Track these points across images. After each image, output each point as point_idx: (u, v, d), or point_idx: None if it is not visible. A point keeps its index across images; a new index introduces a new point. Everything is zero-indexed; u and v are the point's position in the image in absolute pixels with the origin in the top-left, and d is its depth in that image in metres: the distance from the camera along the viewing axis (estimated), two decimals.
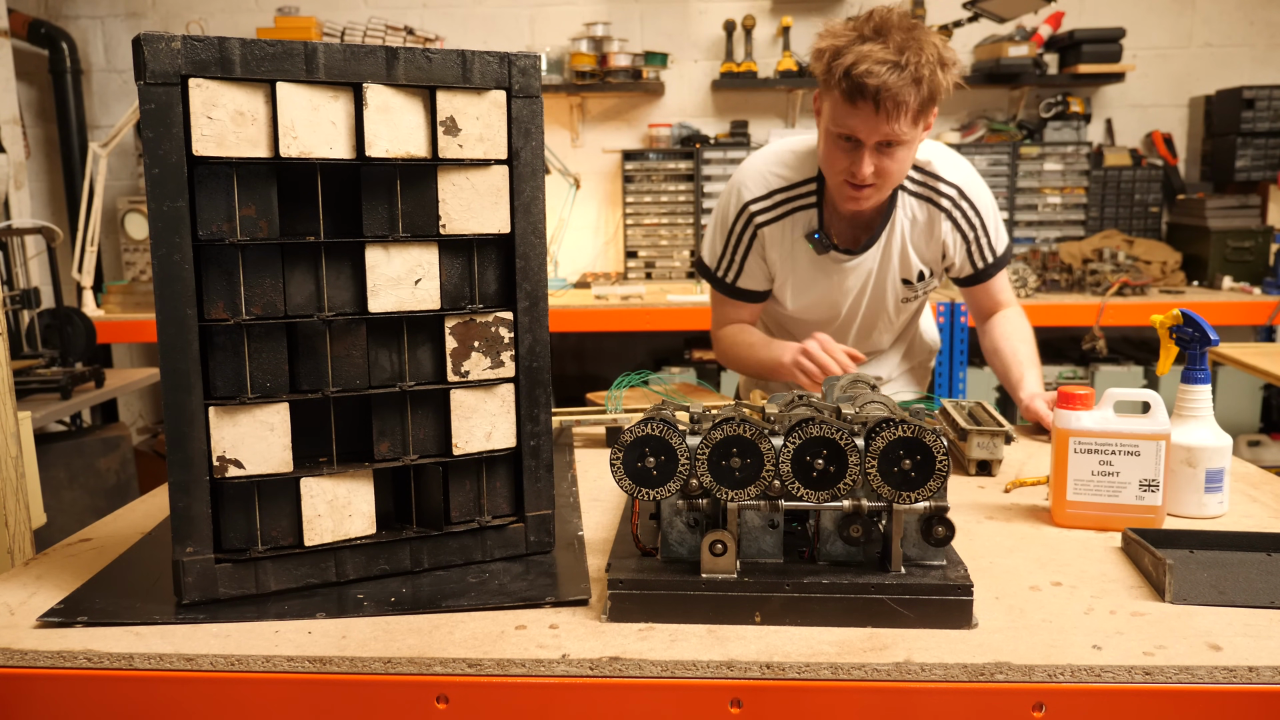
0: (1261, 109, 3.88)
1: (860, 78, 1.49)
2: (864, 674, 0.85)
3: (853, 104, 1.53)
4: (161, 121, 0.90)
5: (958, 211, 1.74)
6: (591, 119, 4.32)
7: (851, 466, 0.92)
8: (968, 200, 1.73)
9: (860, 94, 1.50)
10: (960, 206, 1.74)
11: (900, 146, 1.58)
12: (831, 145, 1.62)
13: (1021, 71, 3.97)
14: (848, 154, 1.59)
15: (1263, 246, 3.83)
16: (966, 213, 1.74)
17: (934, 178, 1.73)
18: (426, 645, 0.89)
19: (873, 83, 1.48)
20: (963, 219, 1.74)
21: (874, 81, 1.48)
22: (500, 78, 1.03)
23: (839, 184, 1.64)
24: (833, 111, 1.58)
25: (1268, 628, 0.90)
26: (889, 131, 1.53)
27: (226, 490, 0.97)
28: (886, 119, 1.52)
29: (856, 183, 1.60)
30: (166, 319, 0.93)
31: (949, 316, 3.54)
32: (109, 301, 3.75)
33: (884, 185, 1.63)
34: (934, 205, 1.74)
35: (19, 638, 0.91)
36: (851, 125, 1.55)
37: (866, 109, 1.52)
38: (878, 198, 1.66)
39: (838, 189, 1.66)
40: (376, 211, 1.00)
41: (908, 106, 1.51)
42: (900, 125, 1.53)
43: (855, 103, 1.52)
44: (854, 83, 1.50)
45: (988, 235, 1.77)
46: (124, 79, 4.36)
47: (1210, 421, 1.21)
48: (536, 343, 1.08)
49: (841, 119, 1.56)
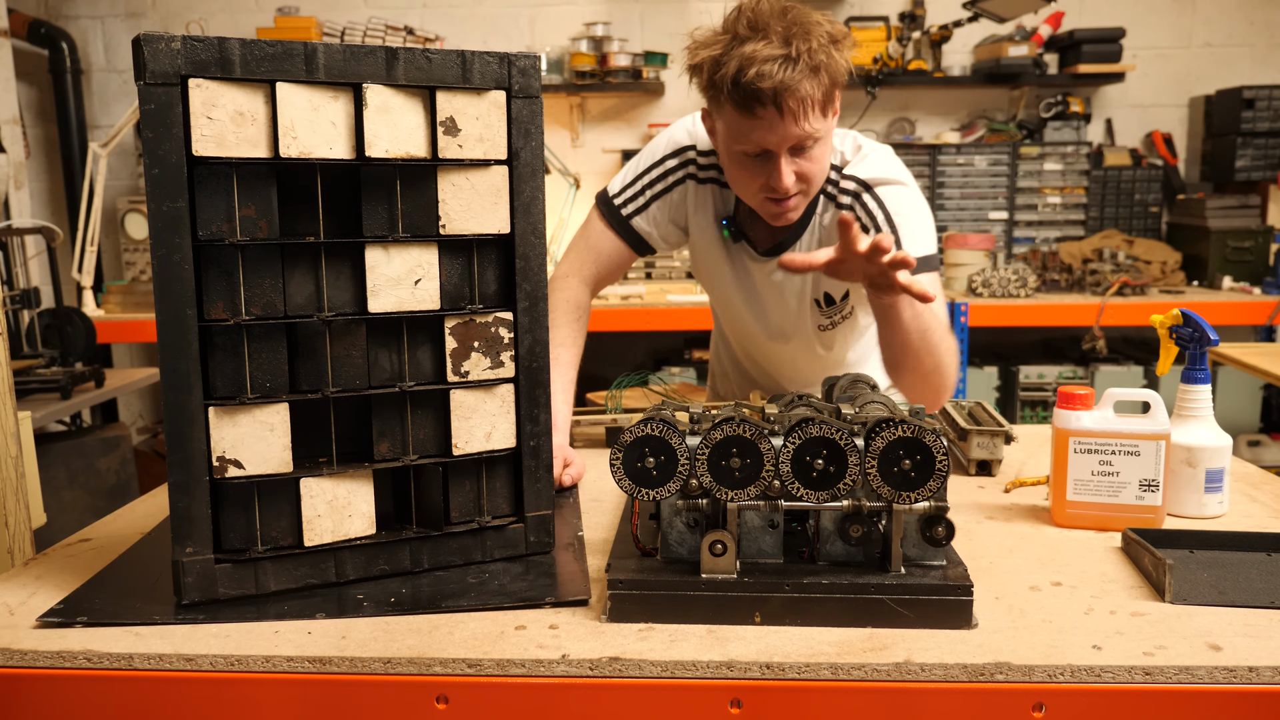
0: (1261, 109, 3.88)
1: (752, 83, 1.30)
2: (864, 674, 0.85)
3: (751, 114, 1.34)
4: (161, 121, 0.90)
5: (859, 207, 1.50)
6: (591, 119, 4.32)
7: (851, 466, 0.92)
8: (872, 195, 1.49)
9: (757, 101, 1.32)
10: (862, 200, 1.50)
11: (815, 144, 1.40)
12: (739, 166, 1.43)
13: (1021, 71, 3.97)
14: (761, 169, 1.40)
15: (1263, 246, 3.83)
16: (869, 207, 1.49)
17: (839, 174, 1.52)
18: (426, 645, 0.89)
19: (768, 85, 1.30)
20: (864, 213, 1.49)
21: (769, 84, 1.30)
22: (500, 78, 1.03)
23: (760, 201, 1.45)
24: (730, 129, 1.39)
25: (1268, 628, 0.90)
26: (800, 133, 1.35)
27: (226, 490, 0.97)
28: (794, 120, 1.34)
29: (779, 196, 1.42)
30: (166, 319, 0.93)
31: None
32: (109, 301, 3.75)
33: (809, 189, 1.45)
34: (835, 204, 1.52)
35: (19, 638, 0.91)
36: (757, 138, 1.36)
37: (769, 116, 1.33)
38: (804, 203, 1.47)
39: (761, 206, 1.46)
40: (376, 212, 1.00)
41: (813, 100, 1.33)
42: (810, 123, 1.35)
43: (754, 111, 1.33)
44: (746, 90, 1.31)
45: (895, 234, 1.46)
46: (124, 79, 4.36)
47: (1210, 421, 1.21)
48: (536, 343, 1.08)
49: (744, 134, 1.37)
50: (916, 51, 4.14)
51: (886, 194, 1.49)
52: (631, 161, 1.63)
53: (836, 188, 1.53)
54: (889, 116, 4.28)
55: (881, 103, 4.24)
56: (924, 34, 4.12)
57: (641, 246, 1.63)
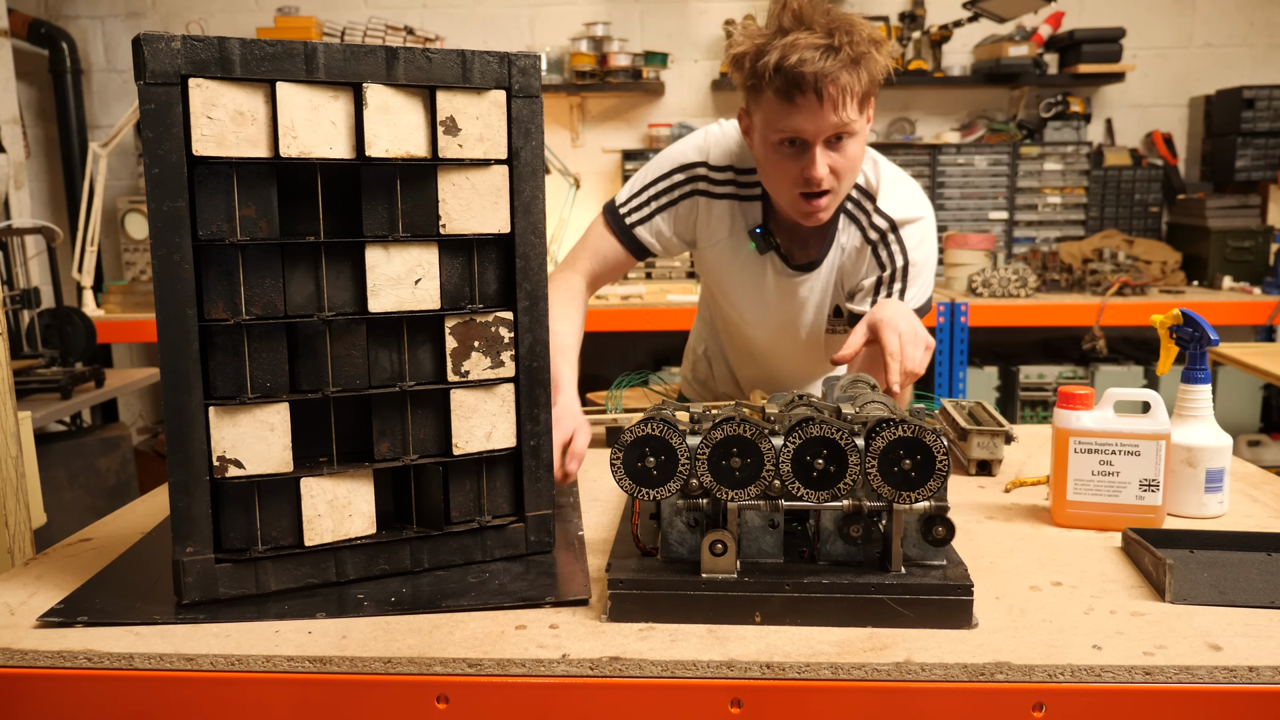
0: (1261, 109, 3.88)
1: (794, 68, 1.34)
2: (864, 674, 0.85)
3: (791, 101, 1.38)
4: (161, 121, 0.90)
5: (883, 248, 1.57)
6: (591, 119, 4.32)
7: (851, 466, 0.92)
8: (897, 239, 1.56)
9: (798, 87, 1.36)
10: (887, 242, 1.57)
11: (851, 139, 1.44)
12: (775, 155, 1.46)
13: (1021, 71, 3.97)
14: (796, 159, 1.44)
15: (1263, 246, 3.83)
16: (892, 250, 1.56)
17: (874, 206, 1.57)
18: (426, 645, 0.89)
19: (809, 70, 1.34)
20: (886, 255, 1.57)
21: (810, 69, 1.34)
22: (500, 78, 1.03)
23: (793, 198, 1.48)
24: (769, 117, 1.43)
25: (1268, 628, 0.90)
26: (837, 122, 1.39)
27: (226, 490, 0.97)
28: (833, 108, 1.38)
29: (812, 189, 1.45)
30: (166, 319, 0.93)
31: (949, 316, 3.54)
32: (109, 301, 3.75)
33: (840, 188, 1.48)
34: (864, 235, 1.58)
35: (19, 638, 0.91)
36: (795, 125, 1.40)
37: (808, 103, 1.37)
38: (834, 203, 1.51)
39: (793, 204, 1.49)
40: (376, 211, 1.00)
41: (851, 91, 1.38)
42: (848, 112, 1.39)
43: (794, 99, 1.37)
44: (789, 76, 1.35)
45: (904, 280, 1.56)
46: (124, 79, 4.36)
47: (1210, 421, 1.21)
48: (536, 343, 1.08)
49: (782, 121, 1.40)
50: (916, 51, 4.14)
51: (909, 236, 1.56)
52: (638, 174, 1.65)
53: (868, 220, 1.58)
54: (889, 116, 4.28)
55: (881, 103, 4.23)
56: (924, 34, 4.12)
57: (641, 252, 1.66)
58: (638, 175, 1.65)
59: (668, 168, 1.62)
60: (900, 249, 1.56)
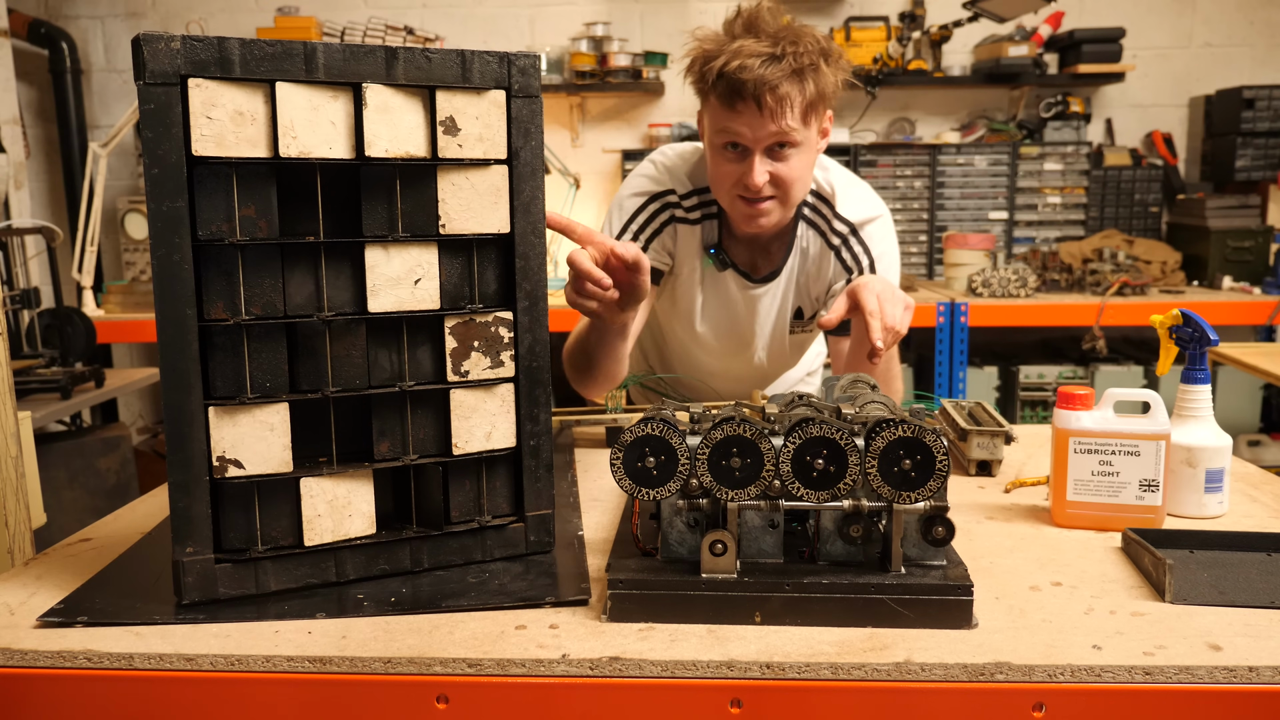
0: (1261, 109, 3.88)
1: (735, 74, 1.37)
2: (864, 674, 0.85)
3: (732, 106, 1.41)
4: (161, 121, 0.90)
5: (846, 250, 1.60)
6: (591, 119, 4.32)
7: (851, 466, 0.92)
8: (859, 240, 1.60)
9: (738, 93, 1.38)
10: (850, 244, 1.60)
11: (794, 150, 1.45)
12: (718, 158, 1.49)
13: (1021, 71, 3.97)
14: (736, 164, 1.47)
15: (1263, 246, 3.83)
16: (855, 250, 1.60)
17: (832, 211, 1.60)
18: (426, 645, 0.89)
19: (749, 77, 1.36)
20: (850, 257, 1.60)
21: (750, 76, 1.36)
22: (500, 78, 1.03)
23: (732, 201, 1.51)
24: (713, 120, 1.46)
25: (1268, 628, 0.90)
26: (776, 131, 1.41)
27: (226, 490, 0.97)
28: (771, 117, 1.39)
29: (751, 195, 1.47)
30: (166, 319, 0.93)
31: (949, 316, 3.54)
32: (109, 301, 3.75)
33: (783, 198, 1.49)
34: (825, 241, 1.61)
35: (19, 638, 0.91)
36: (735, 129, 1.43)
37: (748, 109, 1.40)
38: (780, 214, 1.52)
39: (732, 207, 1.52)
40: (376, 211, 1.00)
41: (791, 101, 1.39)
42: (787, 121, 1.40)
43: (734, 104, 1.40)
44: (730, 82, 1.38)
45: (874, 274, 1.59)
46: (124, 79, 4.36)
47: (1210, 421, 1.21)
48: (536, 343, 1.08)
49: (723, 124, 1.44)
50: (916, 51, 4.14)
51: (871, 235, 1.61)
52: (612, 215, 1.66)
53: (828, 225, 1.61)
54: (889, 116, 4.28)
55: (881, 103, 4.24)
56: (924, 34, 4.12)
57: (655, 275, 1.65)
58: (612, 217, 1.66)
59: (642, 200, 1.64)
60: (864, 249, 1.60)
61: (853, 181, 1.65)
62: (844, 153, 4.04)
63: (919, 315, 3.50)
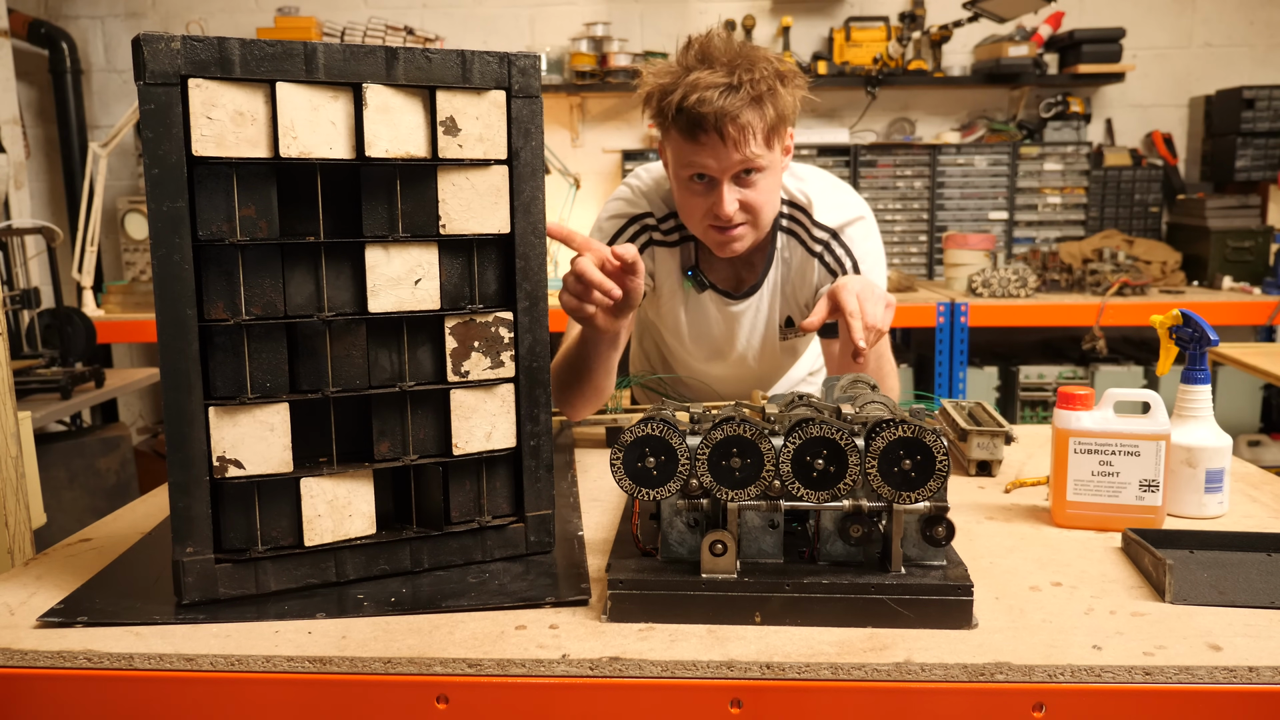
0: (1261, 109, 3.88)
1: (694, 108, 1.37)
2: (864, 674, 0.85)
3: (694, 139, 1.40)
4: (161, 121, 0.90)
5: (829, 255, 1.60)
6: (591, 119, 4.32)
7: (851, 466, 0.92)
8: (841, 243, 1.59)
9: (700, 126, 1.38)
10: (832, 249, 1.59)
11: (760, 174, 1.45)
12: (686, 191, 1.49)
13: (1021, 71, 3.97)
14: (705, 195, 1.47)
15: (1263, 246, 3.83)
16: (838, 254, 1.60)
17: (810, 219, 1.60)
18: (426, 645, 0.89)
19: (708, 110, 1.36)
20: (834, 261, 1.60)
21: (710, 109, 1.36)
22: (500, 78, 1.03)
23: (705, 230, 1.51)
24: (676, 154, 1.46)
25: (1268, 628, 0.90)
26: (741, 159, 1.41)
27: (226, 490, 0.97)
28: (735, 146, 1.39)
29: (722, 224, 1.47)
30: (166, 319, 0.93)
31: (949, 316, 3.54)
32: (109, 301, 3.76)
33: (754, 221, 1.50)
34: (806, 249, 1.61)
35: (19, 638, 0.91)
36: (700, 161, 1.42)
37: (711, 141, 1.39)
38: (753, 235, 1.52)
39: (706, 235, 1.52)
40: (376, 211, 1.00)
41: (753, 129, 1.39)
42: (751, 149, 1.40)
43: (697, 137, 1.40)
44: (690, 115, 1.38)
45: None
46: (124, 79, 4.36)
47: (1210, 421, 1.21)
48: (536, 343, 1.08)
49: (688, 158, 1.43)
50: (916, 51, 4.14)
51: (852, 237, 1.59)
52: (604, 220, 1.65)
53: (808, 233, 1.61)
54: (889, 116, 4.28)
55: (881, 103, 4.24)
56: (924, 34, 4.12)
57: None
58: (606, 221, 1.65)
59: (620, 223, 1.63)
60: (846, 252, 1.59)
61: (830, 186, 1.65)
62: (844, 153, 4.04)
63: (919, 316, 3.52)
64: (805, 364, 1.89)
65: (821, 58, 4.12)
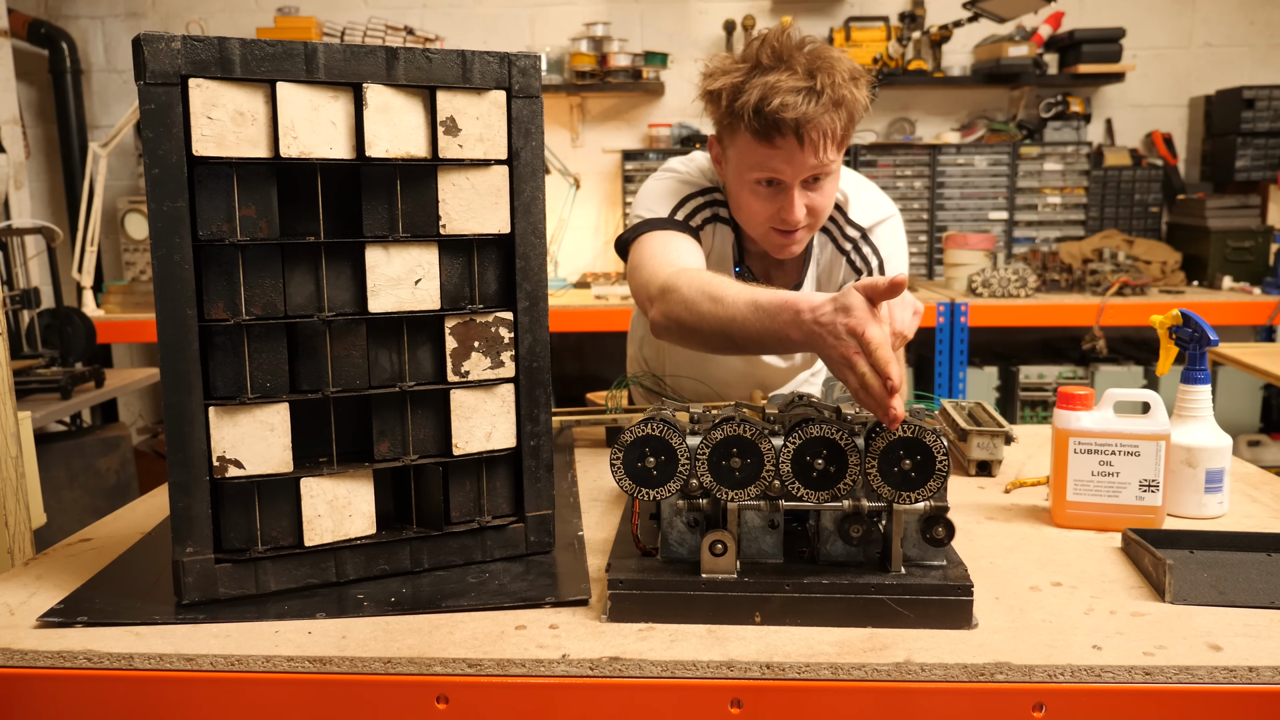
0: (1261, 109, 3.88)
1: (776, 112, 1.32)
2: (864, 674, 0.85)
3: (770, 143, 1.36)
4: (161, 121, 0.90)
5: (857, 254, 1.59)
6: (591, 119, 4.32)
7: (851, 466, 0.92)
8: (870, 244, 1.58)
9: (778, 130, 1.34)
10: (860, 248, 1.58)
11: (827, 178, 1.44)
12: (750, 194, 1.45)
13: (1021, 71, 3.97)
14: (773, 199, 1.43)
15: (1263, 246, 3.83)
16: (865, 253, 1.58)
17: (844, 217, 1.58)
18: (426, 645, 0.89)
19: (790, 115, 1.32)
20: (860, 260, 1.58)
21: (792, 114, 1.32)
22: (500, 78, 1.03)
23: (766, 232, 1.48)
24: (745, 155, 1.41)
25: (1268, 628, 0.90)
26: (816, 165, 1.38)
27: (226, 490, 0.97)
28: (814, 152, 1.36)
29: (789, 228, 1.45)
30: (166, 319, 0.93)
31: (949, 316, 3.54)
32: (109, 301, 3.75)
33: (814, 224, 1.48)
34: (836, 246, 1.59)
35: (19, 638, 0.91)
36: (774, 166, 1.38)
37: (788, 145, 1.35)
38: (809, 236, 1.51)
39: (766, 238, 1.50)
40: (376, 212, 1.00)
41: (832, 134, 1.36)
42: (827, 155, 1.38)
43: (773, 141, 1.35)
44: (769, 119, 1.33)
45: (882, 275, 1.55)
46: (124, 79, 4.36)
47: (1210, 421, 1.21)
48: (536, 343, 1.08)
49: (761, 161, 1.39)
50: (916, 51, 4.14)
51: (880, 237, 1.59)
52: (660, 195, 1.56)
53: (841, 232, 1.59)
54: (889, 116, 4.28)
55: (881, 103, 4.24)
56: (924, 34, 4.12)
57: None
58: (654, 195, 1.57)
59: (691, 190, 1.57)
60: (873, 250, 1.58)
61: (863, 185, 1.63)
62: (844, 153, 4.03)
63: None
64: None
65: None
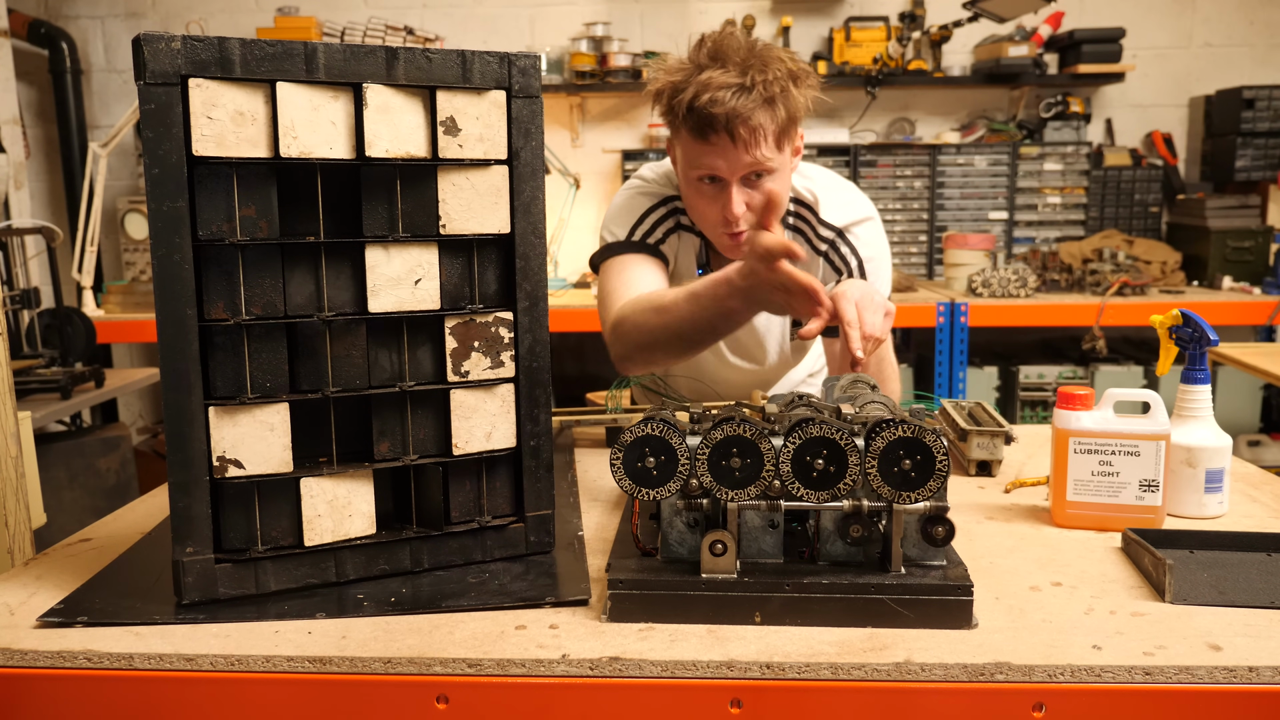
0: (1261, 109, 3.88)
1: (706, 108, 1.34)
2: (864, 674, 0.85)
3: (705, 139, 1.38)
4: (161, 121, 0.90)
5: (835, 254, 1.59)
6: (591, 119, 4.32)
7: (851, 466, 0.92)
8: (847, 243, 1.58)
9: (710, 126, 1.36)
10: (838, 248, 1.58)
11: (769, 176, 1.44)
12: (695, 192, 1.47)
13: (1021, 71, 3.97)
14: (715, 198, 1.45)
15: (1263, 246, 3.83)
16: (844, 253, 1.58)
17: (816, 218, 1.59)
18: (426, 645, 0.89)
19: (720, 111, 1.34)
20: (839, 260, 1.58)
21: (721, 109, 1.34)
22: (500, 78, 1.03)
23: (717, 234, 1.50)
24: (686, 154, 1.44)
25: (1268, 628, 0.90)
26: (751, 161, 1.39)
27: (226, 490, 0.97)
28: (745, 148, 1.38)
29: (729, 228, 1.46)
30: (166, 319, 0.93)
31: (949, 316, 3.54)
32: (109, 301, 3.75)
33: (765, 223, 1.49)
34: (811, 248, 1.59)
35: (19, 638, 0.91)
36: (710, 163, 1.41)
37: (722, 142, 1.37)
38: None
39: (717, 239, 1.51)
40: (376, 211, 1.00)
41: (764, 130, 1.37)
42: (761, 151, 1.39)
43: (708, 137, 1.38)
44: (700, 115, 1.35)
45: (862, 277, 1.56)
46: (124, 79, 4.36)
47: (1210, 421, 1.21)
48: (536, 343, 1.08)
49: (697, 159, 1.41)
50: (916, 51, 4.14)
51: (858, 236, 1.58)
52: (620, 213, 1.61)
53: (814, 231, 1.60)
54: (889, 116, 4.28)
55: (881, 103, 4.24)
56: (924, 34, 4.12)
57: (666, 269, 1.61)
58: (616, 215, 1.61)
59: (651, 202, 1.60)
60: (852, 251, 1.58)
61: (837, 186, 1.64)
62: (844, 153, 4.04)
63: (919, 316, 3.52)
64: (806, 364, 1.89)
65: (821, 58, 4.12)
